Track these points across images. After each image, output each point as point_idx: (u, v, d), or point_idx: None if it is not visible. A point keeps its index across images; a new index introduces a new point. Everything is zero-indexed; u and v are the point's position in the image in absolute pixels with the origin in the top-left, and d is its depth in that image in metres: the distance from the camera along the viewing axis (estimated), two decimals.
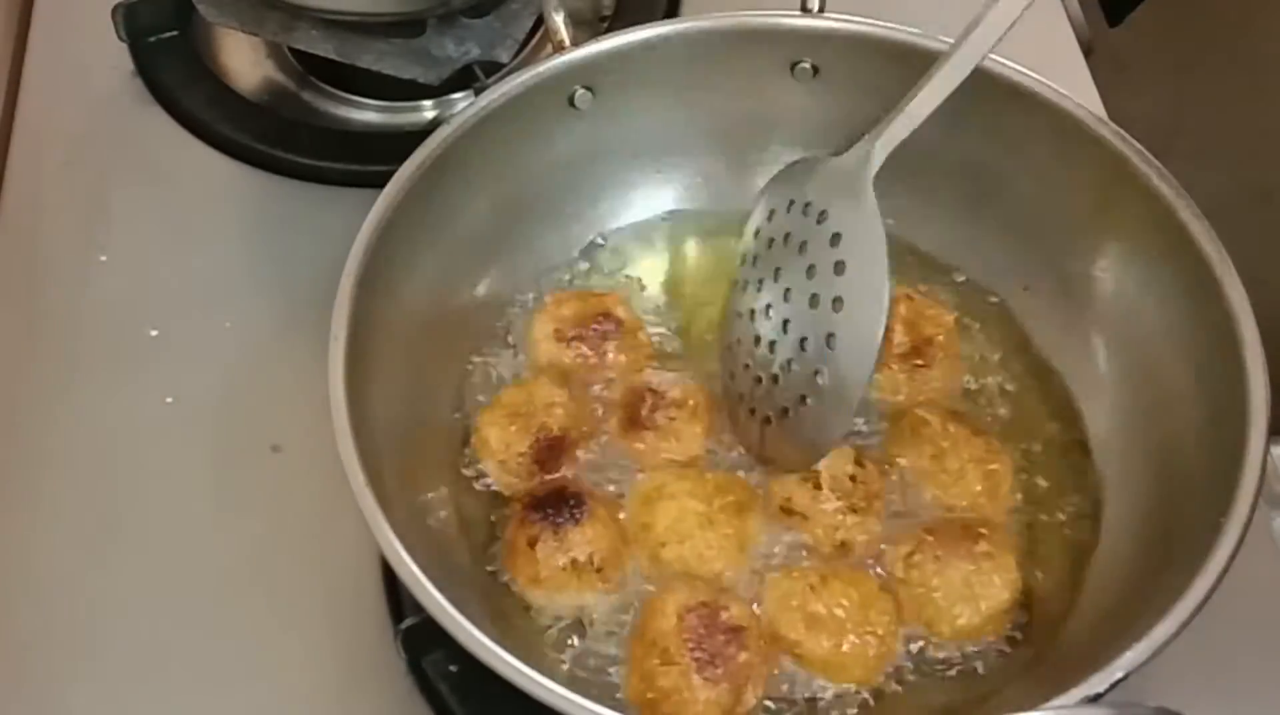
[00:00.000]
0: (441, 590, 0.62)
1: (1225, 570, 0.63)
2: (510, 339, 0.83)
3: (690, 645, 0.68)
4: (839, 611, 0.70)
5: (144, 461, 0.83)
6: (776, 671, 0.70)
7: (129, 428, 0.84)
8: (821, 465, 0.75)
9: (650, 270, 0.87)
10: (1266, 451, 0.66)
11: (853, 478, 0.75)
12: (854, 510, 0.74)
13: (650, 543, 0.73)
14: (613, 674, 0.70)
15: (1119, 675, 0.60)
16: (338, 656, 0.76)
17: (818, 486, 0.74)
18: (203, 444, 0.83)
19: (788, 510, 0.74)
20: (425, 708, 0.74)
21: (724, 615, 0.69)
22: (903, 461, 0.77)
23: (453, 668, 0.70)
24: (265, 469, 0.82)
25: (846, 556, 0.74)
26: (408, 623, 0.70)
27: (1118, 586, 0.71)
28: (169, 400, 0.85)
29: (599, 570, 0.72)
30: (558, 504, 0.73)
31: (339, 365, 0.68)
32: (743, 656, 0.68)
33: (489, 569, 0.74)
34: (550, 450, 0.76)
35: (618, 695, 0.69)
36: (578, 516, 0.72)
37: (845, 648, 0.69)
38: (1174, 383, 0.75)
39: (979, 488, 0.76)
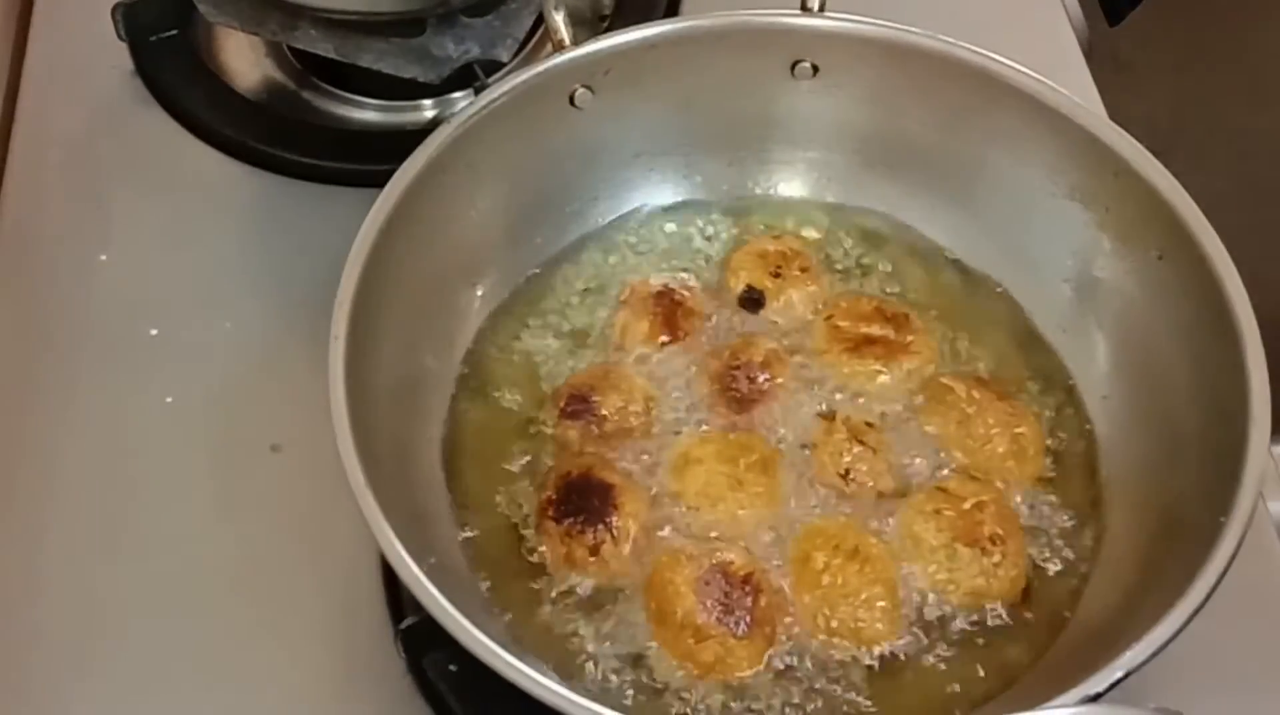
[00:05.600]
0: (441, 590, 0.62)
1: (1225, 570, 0.63)
2: None
3: (718, 614, 0.69)
4: (846, 580, 0.71)
5: (144, 461, 0.83)
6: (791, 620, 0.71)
7: (129, 428, 0.84)
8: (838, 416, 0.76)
9: None
10: (1267, 451, 0.66)
11: (869, 424, 0.76)
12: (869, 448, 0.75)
13: (682, 509, 0.74)
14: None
15: (1119, 675, 0.60)
16: (338, 656, 0.76)
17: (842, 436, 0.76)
18: (203, 444, 0.83)
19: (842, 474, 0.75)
20: (425, 708, 0.74)
21: (730, 569, 0.71)
22: (930, 428, 0.77)
23: (453, 668, 0.70)
24: (265, 469, 0.82)
25: (866, 500, 0.74)
26: (408, 623, 0.70)
27: (1118, 586, 0.72)
28: (169, 400, 0.85)
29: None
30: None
31: (339, 365, 0.68)
32: (763, 600, 0.70)
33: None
34: None
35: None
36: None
37: (854, 616, 0.71)
38: (1174, 382, 0.75)
39: (1003, 451, 0.76)
